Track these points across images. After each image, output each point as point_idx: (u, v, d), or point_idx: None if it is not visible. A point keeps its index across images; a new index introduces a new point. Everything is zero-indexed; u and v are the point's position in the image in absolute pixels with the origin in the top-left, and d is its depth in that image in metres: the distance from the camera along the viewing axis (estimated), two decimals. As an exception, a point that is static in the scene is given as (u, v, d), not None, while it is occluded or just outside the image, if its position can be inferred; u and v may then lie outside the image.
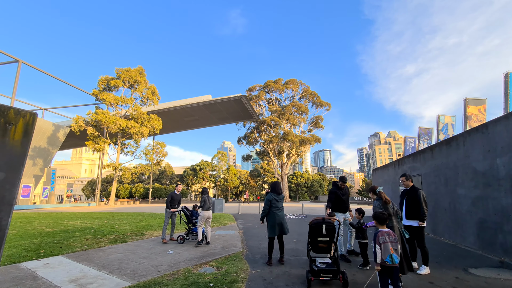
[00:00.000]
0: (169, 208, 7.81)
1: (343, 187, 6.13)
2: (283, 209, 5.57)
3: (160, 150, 35.21)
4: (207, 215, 7.39)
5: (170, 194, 7.88)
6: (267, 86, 60.78)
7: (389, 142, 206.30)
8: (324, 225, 4.08)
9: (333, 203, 6.09)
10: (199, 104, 42.69)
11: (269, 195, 5.49)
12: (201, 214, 7.35)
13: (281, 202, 5.55)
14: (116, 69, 32.83)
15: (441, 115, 42.02)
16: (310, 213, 16.91)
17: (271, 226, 5.36)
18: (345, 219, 6.07)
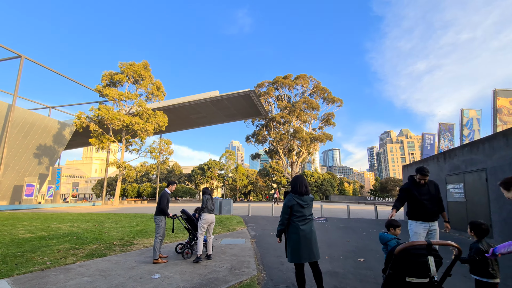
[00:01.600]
0: (167, 213, 5.69)
1: (422, 182, 3.98)
2: (312, 220, 3.54)
3: (165, 148, 33.77)
4: (210, 219, 5.67)
5: (166, 195, 5.74)
6: (277, 82, 58.78)
7: (401, 140, 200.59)
8: (431, 258, 2.07)
9: (409, 209, 4.07)
10: (206, 100, 41.11)
11: (289, 197, 3.52)
12: (203, 218, 5.62)
13: (309, 209, 3.54)
14: (120, 63, 31.57)
15: (465, 109, 39.05)
16: (330, 215, 14.92)
17: (294, 248, 3.37)
18: (430, 230, 3.91)
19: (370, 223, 11.96)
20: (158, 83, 34.61)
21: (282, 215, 3.47)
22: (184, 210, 6.25)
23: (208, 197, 5.76)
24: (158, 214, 5.61)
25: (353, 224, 11.47)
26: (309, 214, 3.50)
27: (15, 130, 33.97)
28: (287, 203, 3.46)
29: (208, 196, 5.78)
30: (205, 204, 5.70)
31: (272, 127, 57.22)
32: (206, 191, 5.99)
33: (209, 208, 5.72)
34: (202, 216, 5.64)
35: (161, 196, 5.63)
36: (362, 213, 16.74)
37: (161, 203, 5.59)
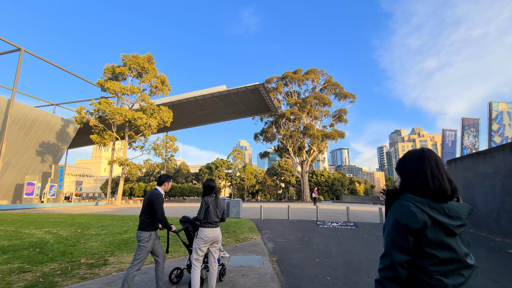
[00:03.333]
0: (169, 227, 3.65)
1: None
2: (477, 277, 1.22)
3: (170, 145, 31.96)
4: (211, 237, 3.54)
5: (162, 197, 3.63)
6: (286, 77, 56.43)
7: (414, 139, 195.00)
8: None
9: None
10: (213, 96, 39.20)
11: (406, 206, 1.23)
12: (201, 235, 3.52)
13: (463, 238, 1.24)
14: (122, 55, 29.89)
15: (493, 102, 35.84)
16: (357, 219, 12.65)
17: None
18: None
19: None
20: (163, 77, 32.82)
21: (390, 248, 1.24)
22: (187, 217, 4.08)
23: (209, 199, 3.61)
24: (147, 229, 3.44)
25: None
26: (466, 253, 1.27)
27: (16, 127, 32.80)
28: (400, 219, 1.28)
29: (210, 199, 3.62)
30: (202, 213, 3.57)
31: (281, 124, 54.92)
32: (208, 187, 3.75)
33: (210, 218, 3.56)
34: (200, 232, 3.56)
35: (155, 198, 3.49)
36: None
37: (159, 211, 3.46)
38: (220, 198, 3.74)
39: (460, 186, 10.33)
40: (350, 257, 5.62)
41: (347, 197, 72.30)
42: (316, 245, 6.94)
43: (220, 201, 3.71)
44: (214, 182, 3.81)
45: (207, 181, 3.81)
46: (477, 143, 41.91)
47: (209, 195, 3.67)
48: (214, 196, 3.67)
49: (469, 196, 9.72)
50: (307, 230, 9.46)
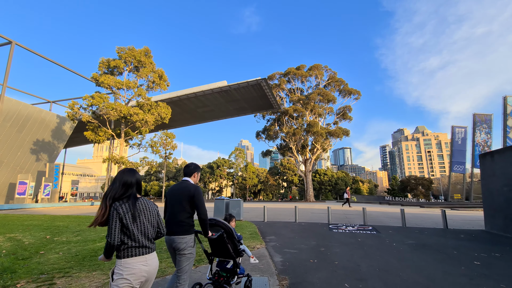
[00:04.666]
0: (206, 231, 2.92)
1: None
2: None
3: (168, 142, 30.48)
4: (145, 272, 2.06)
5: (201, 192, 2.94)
6: (289, 73, 54.86)
7: (417, 138, 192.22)
8: None
9: None
10: (213, 91, 37.69)
11: None
12: (124, 271, 1.97)
13: None
14: (117, 48, 28.45)
15: (509, 96, 34.05)
16: (375, 223, 11.09)
17: None
18: None
19: (447, 236, 8.09)
20: (160, 71, 31.36)
21: None
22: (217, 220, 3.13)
23: (123, 208, 2.06)
24: (190, 231, 2.81)
25: (424, 238, 7.64)
26: None
27: (8, 124, 31.48)
28: None
29: (124, 206, 2.08)
30: (115, 234, 1.98)
31: (284, 122, 53.34)
32: (124, 184, 2.16)
33: (135, 241, 2.05)
34: (120, 267, 2.00)
35: (197, 191, 2.86)
36: (411, 219, 12.78)
37: (202, 207, 2.84)
38: (146, 201, 2.23)
39: (500, 184, 8.75)
40: (390, 280, 4.08)
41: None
42: (337, 258, 5.41)
43: (147, 205, 2.21)
44: (134, 174, 2.22)
45: (120, 173, 2.21)
46: (489, 140, 40.12)
47: (121, 198, 2.10)
48: (134, 199, 2.12)
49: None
50: (321, 236, 7.93)
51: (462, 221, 11.95)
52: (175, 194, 2.86)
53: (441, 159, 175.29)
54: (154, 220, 2.20)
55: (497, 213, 8.91)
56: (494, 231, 8.93)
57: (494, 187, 9.09)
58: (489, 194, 9.43)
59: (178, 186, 2.92)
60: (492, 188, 9.19)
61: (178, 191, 2.85)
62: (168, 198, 2.95)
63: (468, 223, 11.61)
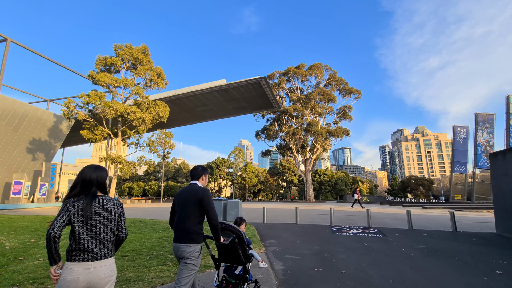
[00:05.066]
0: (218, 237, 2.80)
1: None
2: None
3: (166, 141, 30.00)
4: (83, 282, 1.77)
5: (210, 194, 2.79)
6: (288, 72, 54.39)
7: (417, 138, 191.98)
8: None
9: None
10: (212, 90, 37.22)
11: None
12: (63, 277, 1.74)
13: None
14: (114, 45, 27.91)
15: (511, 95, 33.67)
16: (379, 225, 10.60)
17: None
18: None
19: (458, 240, 7.62)
20: (158, 69, 30.87)
21: None
22: (227, 224, 3.03)
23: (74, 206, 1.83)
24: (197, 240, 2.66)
25: (434, 242, 7.16)
26: None
27: (4, 122, 30.96)
28: None
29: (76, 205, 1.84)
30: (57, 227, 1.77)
31: (284, 121, 52.87)
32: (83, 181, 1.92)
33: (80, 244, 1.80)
34: (62, 273, 1.77)
35: (206, 195, 2.69)
36: (416, 221, 12.29)
37: (212, 212, 2.66)
38: (107, 201, 1.92)
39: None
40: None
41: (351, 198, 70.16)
42: (344, 265, 4.93)
43: (106, 205, 1.91)
44: (95, 170, 1.97)
45: (82, 169, 1.97)
46: (492, 139, 39.68)
47: (78, 195, 1.87)
48: (91, 198, 1.87)
49: (529, 196, 7.66)
50: (324, 240, 7.44)
51: (470, 223, 11.48)
52: (183, 198, 2.72)
53: (441, 159, 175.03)
54: (113, 222, 1.91)
55: (510, 215, 8.43)
56: (507, 234, 8.45)
57: (507, 188, 8.61)
58: (500, 195, 8.95)
59: (186, 190, 2.79)
60: (505, 188, 8.72)
61: (186, 195, 2.72)
62: (176, 203, 2.80)
63: (476, 225, 11.14)
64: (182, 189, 2.84)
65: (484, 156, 37.96)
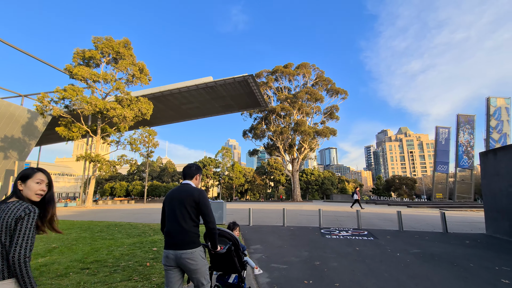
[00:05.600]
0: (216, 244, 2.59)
1: None
2: None
3: (149, 139, 28.75)
4: None
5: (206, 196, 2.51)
6: (276, 71, 54.02)
7: (401, 139, 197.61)
8: None
9: None
10: (198, 87, 36.22)
11: None
12: None
13: None
14: (94, 38, 26.40)
15: (492, 97, 34.57)
16: (367, 226, 10.23)
17: None
18: None
19: (451, 242, 7.30)
20: (141, 64, 29.59)
21: None
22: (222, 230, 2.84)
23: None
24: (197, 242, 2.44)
25: (428, 245, 6.79)
26: None
27: (-29, 118, 28.76)
28: None
29: None
30: None
31: (271, 120, 52.50)
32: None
33: None
34: None
35: (202, 196, 2.46)
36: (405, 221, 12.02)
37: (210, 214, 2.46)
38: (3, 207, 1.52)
39: (505, 184, 8.08)
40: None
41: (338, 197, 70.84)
42: (337, 276, 4.39)
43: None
44: None
45: None
46: (472, 140, 40.89)
47: None
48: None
49: (521, 196, 7.46)
50: (313, 244, 6.92)
51: (457, 224, 11.35)
52: (176, 200, 2.47)
53: (422, 160, 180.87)
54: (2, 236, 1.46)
55: (501, 215, 8.24)
56: (498, 235, 8.26)
57: (498, 188, 8.42)
58: (491, 195, 8.77)
59: (179, 191, 2.53)
60: (495, 188, 8.53)
61: (179, 196, 2.47)
62: (168, 206, 2.53)
63: (464, 225, 11.01)
64: (174, 190, 2.58)
65: (465, 156, 39.05)
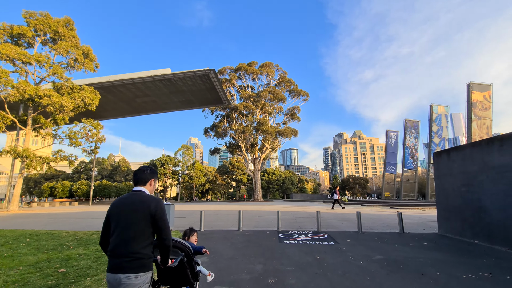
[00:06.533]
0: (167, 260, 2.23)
1: None
2: None
3: (93, 133, 25.40)
4: None
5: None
6: (240, 68, 53.02)
7: (355, 141, 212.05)
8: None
9: None
10: (154, 79, 33.46)
11: None
12: None
13: None
14: (25, 12, 22.27)
15: (434, 105, 38.07)
16: (327, 227, 9.72)
17: None
18: None
19: (410, 244, 7.01)
20: (87, 48, 26.06)
21: None
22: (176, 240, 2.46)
23: None
24: (147, 267, 2.07)
25: (390, 250, 6.35)
26: None
27: None
28: None
29: None
30: None
31: (234, 119, 51.34)
32: None
33: None
34: None
35: (160, 206, 2.13)
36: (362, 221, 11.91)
37: (166, 229, 2.13)
38: None
39: (458, 184, 8.14)
40: None
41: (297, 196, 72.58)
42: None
43: None
44: None
45: None
46: (417, 143, 44.80)
47: None
48: None
49: (473, 196, 7.50)
50: (270, 253, 6.00)
51: (411, 222, 11.52)
52: (126, 211, 2.04)
53: (373, 161, 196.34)
54: None
55: (453, 215, 8.30)
56: (450, 235, 8.31)
57: (450, 187, 8.49)
58: (443, 194, 8.85)
59: (130, 201, 2.10)
60: (448, 188, 8.60)
61: (130, 208, 2.05)
62: (114, 218, 2.06)
63: (416, 224, 11.20)
64: (122, 198, 2.15)
65: (410, 158, 42.52)
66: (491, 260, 5.39)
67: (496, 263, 5.13)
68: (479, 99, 29.09)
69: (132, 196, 2.14)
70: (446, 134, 36.04)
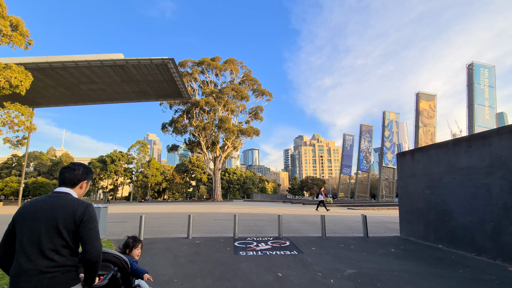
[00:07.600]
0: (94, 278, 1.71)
1: None
2: None
3: (20, 121, 21.27)
4: None
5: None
6: (203, 62, 50.71)
7: (313, 144, 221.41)
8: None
9: None
10: (103, 64, 29.75)
11: None
12: None
13: None
14: None
15: (387, 111, 40.55)
16: (289, 232, 8.81)
17: None
18: None
19: (378, 252, 6.39)
20: (16, 20, 21.82)
21: None
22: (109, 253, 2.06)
23: None
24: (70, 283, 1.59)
25: (359, 260, 5.59)
26: None
27: None
28: None
29: None
30: None
31: (194, 115, 48.85)
32: None
33: None
34: None
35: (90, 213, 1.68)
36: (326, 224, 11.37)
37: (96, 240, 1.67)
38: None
39: (422, 186, 7.86)
40: None
41: (258, 196, 72.40)
42: None
43: None
44: None
45: None
46: (371, 147, 47.59)
47: None
48: None
49: (438, 199, 7.22)
50: (220, 272, 4.76)
51: (371, 225, 11.25)
52: (43, 219, 1.59)
53: (329, 163, 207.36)
54: None
55: (416, 218, 8.01)
56: (413, 238, 8.00)
57: (414, 189, 8.21)
58: (406, 197, 8.57)
59: (49, 205, 1.64)
60: (412, 190, 8.32)
61: (50, 214, 1.60)
62: (23, 227, 1.60)
63: (378, 227, 10.98)
64: (38, 201, 1.65)
65: (364, 161, 44.89)
66: (466, 270, 4.89)
67: (473, 275, 4.61)
68: (425, 108, 31.74)
69: (52, 199, 1.69)
70: (396, 139, 38.75)
